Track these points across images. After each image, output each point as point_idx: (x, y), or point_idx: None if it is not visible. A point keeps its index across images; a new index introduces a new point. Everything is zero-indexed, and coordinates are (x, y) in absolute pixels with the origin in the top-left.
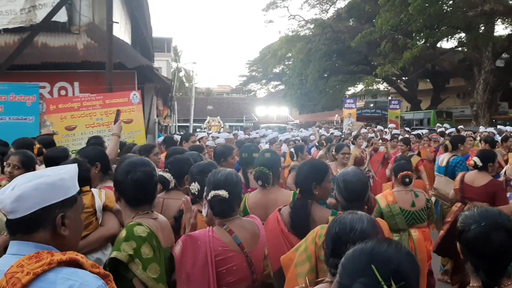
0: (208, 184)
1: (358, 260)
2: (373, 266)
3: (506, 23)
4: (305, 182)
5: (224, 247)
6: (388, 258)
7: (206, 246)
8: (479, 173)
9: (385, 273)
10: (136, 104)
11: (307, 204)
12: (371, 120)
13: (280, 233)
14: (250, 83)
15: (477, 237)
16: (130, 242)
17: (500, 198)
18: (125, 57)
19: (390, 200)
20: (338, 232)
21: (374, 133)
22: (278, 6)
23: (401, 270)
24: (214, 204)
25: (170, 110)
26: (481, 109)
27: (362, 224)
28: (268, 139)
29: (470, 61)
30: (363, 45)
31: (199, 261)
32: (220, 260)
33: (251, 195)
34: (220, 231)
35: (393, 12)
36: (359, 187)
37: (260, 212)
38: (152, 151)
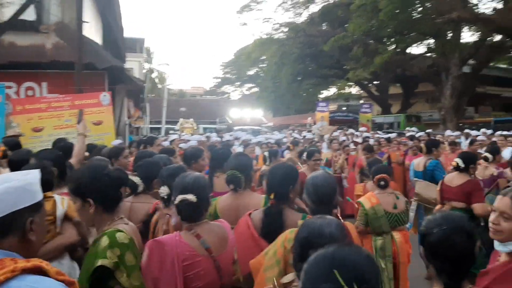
0: (176, 188)
1: (320, 266)
2: (335, 271)
3: (472, 30)
4: (282, 186)
5: (191, 251)
6: (350, 262)
7: (173, 251)
8: (458, 174)
9: (348, 278)
10: (106, 106)
11: (282, 210)
12: (344, 123)
13: (251, 237)
14: (224, 85)
15: (439, 241)
16: (114, 250)
17: (476, 197)
18: (95, 58)
19: (374, 202)
20: (307, 236)
21: (346, 136)
22: (252, 8)
23: (363, 273)
24: (182, 209)
25: (142, 111)
26: (449, 114)
27: (331, 228)
28: (240, 141)
29: (438, 66)
30: (335, 49)
31: (166, 266)
32: (187, 265)
33: (222, 199)
34: (188, 236)
35: (364, 17)
36: (328, 190)
37: (231, 216)
38: (121, 154)
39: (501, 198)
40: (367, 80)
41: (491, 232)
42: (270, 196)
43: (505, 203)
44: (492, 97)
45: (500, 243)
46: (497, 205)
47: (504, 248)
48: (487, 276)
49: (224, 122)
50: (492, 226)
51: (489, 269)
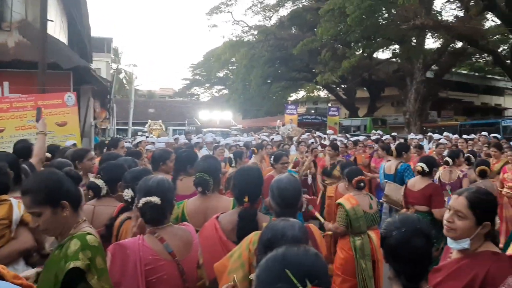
0: (139, 191)
1: (272, 268)
2: (287, 271)
3: (435, 37)
4: (256, 189)
5: (154, 255)
6: (300, 261)
7: (135, 255)
8: (421, 178)
9: (299, 275)
10: (71, 106)
11: (256, 212)
12: (312, 126)
13: (218, 241)
14: (194, 86)
15: (398, 243)
16: (86, 252)
17: (435, 201)
18: (60, 57)
19: (353, 203)
20: (270, 238)
21: (314, 139)
22: (222, 11)
23: (313, 270)
24: (146, 211)
25: (108, 112)
26: (413, 117)
27: (294, 230)
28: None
29: (403, 71)
30: (304, 53)
31: (128, 270)
32: (150, 269)
33: (190, 202)
34: (151, 239)
35: (332, 22)
36: (293, 193)
37: (199, 219)
38: (86, 156)
39: (456, 197)
40: (335, 83)
41: (445, 229)
42: (244, 199)
43: (460, 202)
44: (454, 102)
45: (454, 240)
46: (452, 204)
47: (457, 245)
48: (440, 272)
49: (192, 124)
50: (447, 224)
51: (441, 266)
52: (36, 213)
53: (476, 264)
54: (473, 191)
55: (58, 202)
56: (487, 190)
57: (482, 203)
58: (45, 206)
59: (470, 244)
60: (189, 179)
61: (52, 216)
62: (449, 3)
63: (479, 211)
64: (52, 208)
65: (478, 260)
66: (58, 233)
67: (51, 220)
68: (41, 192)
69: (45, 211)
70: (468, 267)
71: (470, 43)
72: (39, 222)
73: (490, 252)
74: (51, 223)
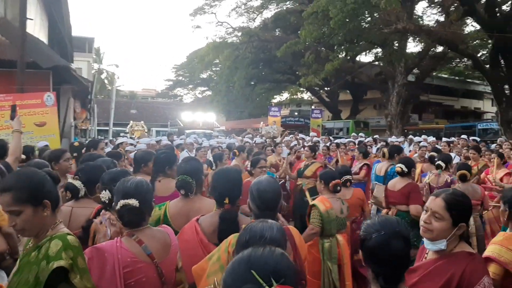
0: (117, 193)
1: (237, 270)
2: (253, 272)
3: (416, 41)
4: (236, 190)
5: (133, 258)
6: (265, 261)
7: (113, 257)
8: (400, 179)
9: (265, 275)
10: (50, 106)
11: (237, 214)
12: (295, 128)
13: (199, 243)
14: (177, 87)
15: (377, 245)
16: (68, 252)
17: (412, 198)
18: (39, 56)
19: (327, 206)
20: (248, 240)
21: (296, 141)
22: (205, 12)
23: (278, 269)
24: (124, 214)
25: (89, 113)
26: (395, 120)
27: (272, 232)
28: (186, 144)
29: (385, 75)
30: (288, 55)
31: (106, 273)
32: (128, 272)
33: (172, 203)
34: (129, 242)
35: (316, 25)
36: (273, 196)
37: (182, 221)
38: (62, 156)
39: (433, 198)
40: (318, 86)
41: (422, 230)
42: (225, 201)
43: (437, 203)
44: (434, 105)
45: (430, 241)
46: (430, 205)
47: (433, 246)
48: (416, 273)
49: (175, 126)
50: (424, 225)
51: (417, 266)
52: (15, 211)
53: (452, 264)
54: (450, 192)
55: (40, 201)
56: (462, 192)
57: (459, 205)
58: (26, 205)
59: (446, 245)
60: (167, 181)
61: (32, 215)
62: (430, 8)
63: (456, 212)
64: (33, 207)
65: (454, 260)
66: (34, 234)
67: (31, 219)
68: (24, 190)
69: (26, 209)
70: (445, 267)
71: (450, 47)
72: (17, 221)
73: (466, 252)
74: (30, 222)
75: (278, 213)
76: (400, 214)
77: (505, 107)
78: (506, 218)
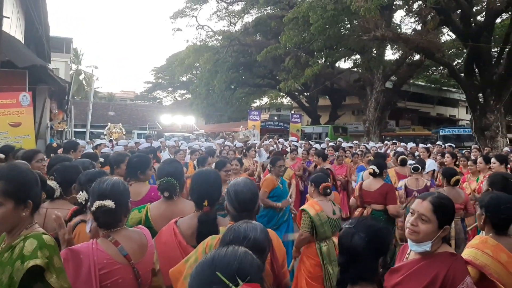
0: (93, 194)
1: (202, 274)
2: (218, 273)
3: (394, 48)
4: (215, 192)
5: (109, 259)
6: (228, 261)
7: (89, 259)
8: (374, 180)
9: (230, 275)
10: (25, 106)
11: (216, 216)
12: (275, 132)
13: (178, 246)
14: (156, 90)
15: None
16: (43, 250)
17: (389, 198)
18: (15, 55)
19: (317, 209)
20: (232, 240)
21: (276, 145)
22: (186, 15)
23: (242, 268)
24: (99, 215)
25: (66, 114)
26: (372, 126)
27: (256, 232)
28: (167, 146)
29: (364, 81)
30: (268, 59)
31: (81, 276)
32: (104, 274)
33: (154, 206)
34: (105, 243)
35: (296, 30)
36: (250, 197)
37: (164, 224)
38: (34, 157)
39: (420, 201)
40: (298, 91)
41: (407, 232)
42: (204, 203)
43: (424, 206)
44: (411, 112)
45: (415, 243)
46: (416, 208)
47: (418, 248)
48: (399, 273)
49: (154, 128)
50: (410, 227)
51: (400, 267)
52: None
53: (436, 264)
54: (436, 196)
55: (23, 200)
56: (447, 196)
57: (444, 208)
58: (9, 199)
59: (431, 247)
60: (138, 185)
61: (12, 211)
62: (407, 16)
63: (442, 215)
64: (15, 203)
65: (438, 261)
66: (7, 230)
67: (8, 215)
68: (12, 184)
69: (7, 204)
70: (429, 268)
71: (427, 55)
72: None
73: (449, 253)
74: (6, 218)
75: (255, 214)
76: (375, 213)
77: (479, 114)
78: (482, 222)
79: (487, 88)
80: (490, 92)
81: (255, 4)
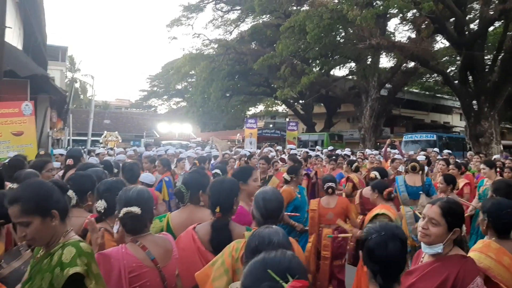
0: (120, 201)
1: (254, 272)
2: (269, 271)
3: (389, 56)
4: (228, 199)
5: (138, 263)
6: (279, 261)
7: (119, 263)
8: None
9: (281, 273)
10: (28, 116)
11: (228, 222)
12: (271, 140)
13: (197, 251)
14: (151, 98)
15: (376, 245)
16: (82, 258)
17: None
18: (16, 65)
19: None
20: (258, 245)
21: (275, 152)
22: (182, 23)
23: (292, 267)
24: (126, 221)
25: (64, 122)
26: (368, 133)
27: (278, 237)
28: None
29: (359, 89)
30: (264, 68)
31: (112, 279)
32: (134, 277)
33: (174, 214)
34: (133, 248)
35: (292, 39)
36: (277, 205)
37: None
38: (45, 167)
39: (430, 206)
40: (294, 99)
41: (420, 235)
42: (216, 210)
43: (434, 210)
44: (405, 119)
45: (427, 245)
46: (427, 213)
47: (430, 250)
48: (413, 275)
49: (151, 136)
50: (422, 230)
51: (414, 269)
52: (24, 222)
53: (447, 266)
54: (445, 201)
55: (48, 212)
56: (455, 200)
57: (453, 211)
58: (35, 216)
59: (443, 249)
60: None
61: (41, 225)
62: (402, 24)
63: (450, 218)
64: (41, 217)
65: (449, 262)
66: (45, 243)
67: (40, 229)
68: (31, 201)
69: (34, 220)
70: (441, 269)
71: (422, 63)
72: (27, 232)
73: (460, 255)
74: (40, 232)
75: (279, 223)
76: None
77: (473, 121)
78: (485, 227)
79: (481, 95)
80: (484, 99)
81: (251, 12)
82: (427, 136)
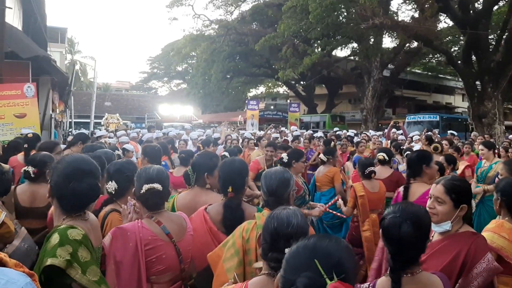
0: (139, 179)
1: (301, 256)
2: (316, 261)
3: (392, 36)
4: (240, 178)
5: (153, 236)
6: (329, 252)
7: (136, 236)
8: (382, 167)
9: (327, 267)
10: (30, 98)
11: (240, 202)
12: (273, 121)
13: (208, 232)
14: (152, 80)
15: (390, 225)
16: (65, 247)
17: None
18: (18, 46)
19: None
20: (277, 227)
21: (279, 134)
22: (182, 4)
23: (341, 263)
24: (149, 197)
25: (65, 105)
26: (370, 114)
27: (297, 219)
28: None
29: (361, 69)
30: (265, 48)
31: (129, 250)
32: (149, 249)
33: (180, 196)
34: (149, 222)
35: (294, 19)
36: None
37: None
38: (54, 149)
39: (435, 186)
40: (295, 80)
41: None
42: (228, 189)
43: (438, 189)
44: (407, 100)
45: (436, 224)
46: (432, 192)
47: (439, 228)
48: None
49: (152, 119)
50: (429, 210)
51: None
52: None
53: (458, 242)
54: (448, 178)
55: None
56: (461, 177)
57: (457, 188)
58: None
59: (451, 226)
60: None
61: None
62: (405, 3)
63: (455, 195)
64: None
65: (460, 239)
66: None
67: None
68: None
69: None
70: (452, 245)
71: (425, 43)
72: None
73: (470, 232)
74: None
75: (287, 202)
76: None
77: (477, 102)
78: (498, 206)
79: (484, 75)
80: (487, 79)
81: None
82: (430, 117)
